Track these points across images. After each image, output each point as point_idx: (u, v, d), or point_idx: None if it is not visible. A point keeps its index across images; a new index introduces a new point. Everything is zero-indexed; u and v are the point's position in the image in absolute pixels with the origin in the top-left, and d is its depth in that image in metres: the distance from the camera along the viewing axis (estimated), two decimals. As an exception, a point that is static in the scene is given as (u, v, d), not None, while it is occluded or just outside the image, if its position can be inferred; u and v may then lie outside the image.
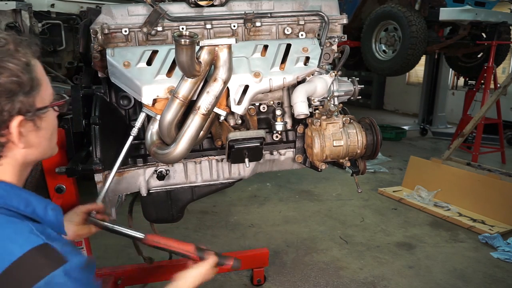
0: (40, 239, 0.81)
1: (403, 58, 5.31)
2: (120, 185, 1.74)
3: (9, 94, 0.83)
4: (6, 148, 0.88)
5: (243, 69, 1.61)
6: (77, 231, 1.37)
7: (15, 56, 0.85)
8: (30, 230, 0.82)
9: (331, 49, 1.82)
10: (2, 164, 0.90)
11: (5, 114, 0.84)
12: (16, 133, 0.86)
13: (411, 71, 7.15)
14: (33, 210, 0.89)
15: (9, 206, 0.85)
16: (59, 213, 0.94)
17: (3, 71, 0.82)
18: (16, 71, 0.84)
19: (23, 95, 0.86)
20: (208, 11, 1.74)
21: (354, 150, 1.72)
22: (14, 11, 3.69)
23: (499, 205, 3.84)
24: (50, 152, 1.00)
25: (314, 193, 4.61)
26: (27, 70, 0.87)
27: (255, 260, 2.82)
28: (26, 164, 0.95)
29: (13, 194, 0.88)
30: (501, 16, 5.57)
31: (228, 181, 1.88)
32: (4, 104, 0.83)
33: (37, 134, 0.92)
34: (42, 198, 0.94)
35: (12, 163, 0.91)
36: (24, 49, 0.88)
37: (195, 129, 1.48)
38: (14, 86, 0.84)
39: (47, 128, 0.95)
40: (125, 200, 1.90)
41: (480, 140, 5.40)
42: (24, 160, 0.92)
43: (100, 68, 1.64)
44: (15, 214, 0.85)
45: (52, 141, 0.99)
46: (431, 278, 2.97)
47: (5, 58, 0.83)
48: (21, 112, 0.86)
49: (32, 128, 0.90)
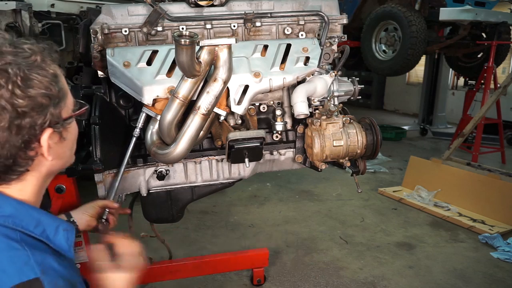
0: (32, 272, 0.78)
1: (403, 58, 5.31)
2: (120, 185, 1.73)
3: (40, 108, 0.81)
4: (35, 162, 0.86)
5: (243, 69, 1.61)
6: (89, 222, 1.40)
7: (43, 67, 0.82)
8: (26, 261, 0.79)
9: (331, 49, 1.82)
10: (26, 179, 0.87)
11: (37, 128, 0.81)
12: (46, 146, 0.84)
13: (411, 71, 7.15)
14: (43, 231, 0.86)
15: (18, 226, 0.83)
16: (71, 234, 0.91)
17: (33, 84, 0.80)
18: (46, 83, 0.82)
19: (52, 107, 0.83)
20: (208, 11, 1.74)
21: (354, 150, 1.72)
22: (14, 11, 3.69)
23: (499, 205, 3.84)
24: (70, 161, 0.98)
25: (314, 193, 4.61)
26: (56, 81, 0.85)
27: (255, 260, 2.82)
28: (48, 177, 0.93)
29: (24, 213, 0.85)
30: (501, 16, 5.57)
31: (228, 181, 1.88)
32: (36, 118, 0.81)
33: (62, 145, 0.90)
34: (55, 218, 0.92)
35: (37, 176, 0.89)
36: (48, 59, 0.85)
37: (195, 129, 1.48)
38: (45, 99, 0.81)
39: (71, 138, 0.93)
40: (125, 200, 1.90)
41: (480, 140, 5.40)
42: (48, 172, 0.91)
43: (100, 68, 1.64)
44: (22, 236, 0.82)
45: (73, 150, 0.97)
46: (431, 278, 2.97)
47: (34, 70, 0.80)
48: (50, 125, 0.84)
49: (58, 140, 0.88)
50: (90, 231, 1.48)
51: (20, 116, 0.79)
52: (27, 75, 0.79)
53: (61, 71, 0.89)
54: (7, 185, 0.86)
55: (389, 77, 9.77)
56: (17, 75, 0.77)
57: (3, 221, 0.82)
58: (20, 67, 0.79)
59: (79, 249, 1.78)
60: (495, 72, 5.61)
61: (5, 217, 0.83)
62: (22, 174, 0.86)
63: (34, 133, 0.82)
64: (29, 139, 0.82)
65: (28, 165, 0.85)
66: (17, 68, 0.78)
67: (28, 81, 0.79)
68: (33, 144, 0.83)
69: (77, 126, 0.97)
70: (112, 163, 1.61)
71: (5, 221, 0.82)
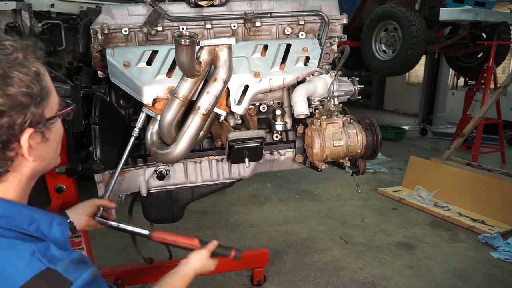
0: (41, 264, 0.77)
1: (403, 58, 5.31)
2: (120, 185, 1.74)
3: (20, 107, 0.78)
4: (15, 162, 0.84)
5: (243, 69, 1.61)
6: (88, 221, 1.40)
7: (25, 65, 0.80)
8: (32, 253, 0.78)
9: (331, 49, 1.82)
10: (8, 180, 0.85)
11: (16, 128, 0.79)
12: (26, 147, 0.82)
13: (411, 71, 7.15)
14: (37, 228, 0.85)
15: (12, 226, 0.81)
16: (65, 228, 0.90)
17: (13, 82, 0.77)
18: (27, 81, 0.79)
19: (34, 107, 0.81)
20: (208, 11, 1.74)
21: (354, 150, 1.72)
22: (14, 11, 3.70)
23: (499, 205, 3.84)
24: (54, 162, 0.96)
25: (314, 193, 4.61)
26: (38, 80, 0.82)
27: (255, 260, 2.82)
28: (32, 178, 0.91)
29: (16, 212, 0.84)
30: (501, 16, 5.57)
31: (228, 181, 1.88)
32: (15, 118, 0.78)
33: (45, 146, 0.88)
34: (47, 213, 0.90)
35: (19, 178, 0.87)
36: (32, 57, 0.83)
37: (195, 129, 1.48)
38: (26, 98, 0.79)
39: (54, 139, 0.91)
40: (125, 200, 1.90)
41: (480, 140, 5.40)
42: (31, 173, 0.89)
43: (100, 68, 1.64)
44: (18, 235, 0.81)
45: (57, 151, 0.95)
46: (431, 278, 2.97)
47: (14, 68, 0.78)
48: (31, 125, 0.81)
49: (40, 140, 0.85)
50: (92, 229, 1.48)
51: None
52: (7, 72, 0.77)
53: (45, 69, 0.86)
54: None
55: (389, 77, 9.77)
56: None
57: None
58: (0, 64, 0.77)
59: (79, 249, 1.78)
60: (495, 72, 5.61)
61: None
62: (2, 175, 0.84)
63: (13, 133, 0.79)
64: (8, 139, 0.79)
65: (8, 165, 0.83)
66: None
67: (7, 79, 0.77)
68: (12, 144, 0.80)
69: (62, 126, 0.94)
70: (112, 163, 1.61)
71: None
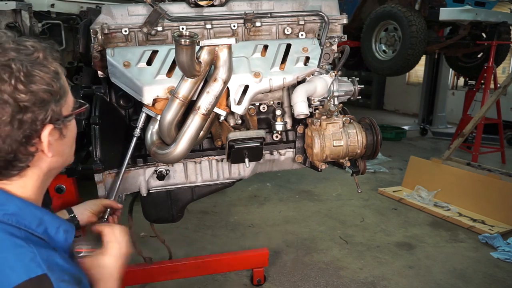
0: (39, 269, 0.79)
1: (403, 58, 5.31)
2: (121, 185, 1.73)
3: (42, 103, 0.83)
4: (35, 157, 0.87)
5: (243, 69, 1.61)
6: (90, 218, 1.39)
7: (45, 64, 0.85)
8: (32, 257, 0.80)
9: (331, 49, 1.82)
10: (27, 175, 0.89)
11: (38, 123, 0.83)
12: (46, 142, 0.86)
13: (411, 71, 7.15)
14: (45, 230, 0.88)
15: (21, 225, 0.84)
16: (70, 236, 0.93)
17: (35, 80, 0.82)
18: (47, 79, 0.84)
19: (54, 104, 0.85)
20: (208, 11, 1.74)
21: (354, 150, 1.72)
22: (14, 11, 3.69)
23: (499, 205, 3.84)
24: (70, 159, 0.99)
25: (314, 193, 4.61)
26: (57, 78, 0.87)
27: (255, 260, 2.82)
28: (49, 174, 0.94)
29: (28, 212, 0.87)
30: (501, 16, 5.57)
31: (228, 181, 1.88)
32: (38, 114, 0.82)
33: (62, 142, 0.92)
34: (57, 218, 0.93)
35: (37, 173, 0.90)
36: (50, 57, 0.87)
37: (195, 129, 1.48)
38: (47, 95, 0.83)
39: (70, 136, 0.95)
40: (125, 200, 1.90)
41: (480, 140, 5.40)
42: (48, 169, 0.92)
43: (100, 68, 1.64)
44: (26, 234, 0.84)
45: (72, 148, 0.99)
46: (431, 278, 2.97)
47: (36, 67, 0.83)
48: (51, 121, 0.86)
49: (58, 137, 0.89)
50: None
51: (22, 110, 0.80)
52: (30, 71, 0.81)
53: (62, 69, 0.91)
54: (9, 182, 0.88)
55: (389, 77, 9.77)
56: (20, 70, 0.80)
57: (7, 219, 0.84)
58: (23, 63, 0.81)
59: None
60: (495, 72, 5.61)
61: (9, 215, 0.84)
62: (23, 170, 0.87)
63: (35, 128, 0.83)
64: (30, 134, 0.83)
65: (29, 160, 0.86)
66: (20, 64, 0.80)
67: (30, 77, 0.81)
68: (34, 139, 0.84)
69: (76, 125, 0.98)
70: (112, 163, 1.61)
71: (9, 219, 0.84)
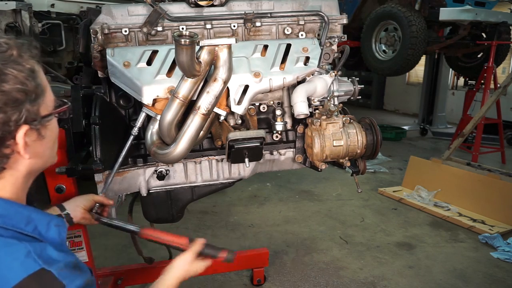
0: (36, 264, 0.77)
1: (403, 58, 5.31)
2: (120, 185, 1.74)
3: (15, 103, 0.79)
4: (11, 160, 0.84)
5: (243, 69, 1.61)
6: (83, 214, 1.40)
7: (19, 62, 0.81)
8: (27, 253, 0.78)
9: (331, 49, 1.82)
10: (5, 178, 0.86)
11: (11, 124, 0.80)
12: (22, 144, 0.83)
13: (411, 71, 7.15)
14: (34, 228, 0.85)
15: (9, 225, 0.81)
16: (63, 230, 0.90)
17: (8, 79, 0.78)
18: (21, 78, 0.80)
19: (29, 104, 0.82)
20: (208, 11, 1.74)
21: (354, 150, 1.72)
22: (14, 11, 3.70)
23: (499, 205, 3.84)
24: (51, 160, 0.96)
25: (314, 193, 4.61)
26: (32, 76, 0.83)
27: (255, 260, 2.82)
28: (29, 176, 0.91)
29: (13, 212, 0.84)
30: (501, 16, 5.57)
31: (228, 181, 1.88)
32: (10, 114, 0.79)
33: (41, 143, 0.88)
34: (46, 214, 0.90)
35: (15, 175, 0.87)
36: (26, 54, 0.84)
37: (195, 129, 1.48)
38: (21, 94, 0.80)
39: (51, 136, 0.92)
40: (125, 200, 1.90)
41: (480, 140, 5.40)
42: (27, 171, 0.89)
43: (100, 68, 1.64)
44: (15, 234, 0.81)
45: (54, 150, 0.96)
46: (431, 278, 2.97)
47: (9, 65, 0.79)
48: (27, 121, 0.82)
49: (36, 138, 0.86)
50: (88, 224, 1.48)
51: None
52: (2, 69, 0.78)
53: (40, 67, 0.87)
54: None
55: (389, 77, 9.78)
56: None
57: None
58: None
59: (79, 249, 1.78)
60: (495, 72, 5.61)
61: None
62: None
63: (9, 130, 0.80)
64: (3, 135, 0.80)
65: (3, 162, 0.83)
66: None
67: (2, 76, 0.78)
68: (7, 141, 0.81)
69: (57, 125, 0.95)
70: (112, 163, 1.61)
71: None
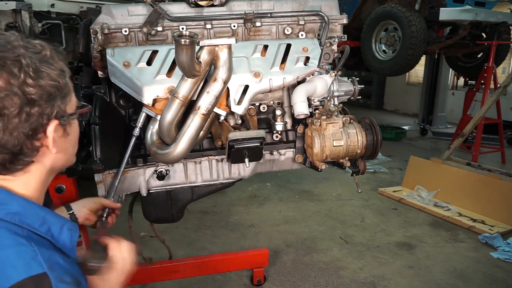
0: (40, 267, 0.80)
1: (403, 58, 5.31)
2: (120, 185, 1.73)
3: (49, 98, 0.86)
4: (40, 152, 0.89)
5: (243, 69, 1.61)
6: (87, 215, 1.41)
7: (51, 62, 0.88)
8: (34, 256, 0.81)
9: (331, 49, 1.82)
10: (31, 171, 0.90)
11: (44, 117, 0.85)
12: (51, 138, 0.88)
13: (411, 71, 7.15)
14: (48, 229, 0.89)
15: (24, 224, 0.85)
16: (74, 234, 0.94)
17: (43, 75, 0.85)
18: (54, 76, 0.87)
19: (59, 100, 0.88)
20: (208, 11, 1.74)
21: (354, 150, 1.72)
22: (14, 11, 3.70)
23: (499, 205, 3.84)
24: (72, 159, 1.01)
25: (314, 193, 4.61)
26: (63, 75, 0.91)
27: (255, 260, 2.82)
28: (52, 172, 0.96)
29: (31, 211, 0.88)
30: (501, 16, 5.57)
31: (228, 181, 1.88)
32: (44, 108, 0.85)
33: (66, 140, 0.94)
34: (61, 217, 0.94)
35: (41, 170, 0.92)
36: (56, 56, 0.91)
37: (195, 129, 1.48)
38: (54, 90, 0.87)
39: (74, 135, 0.98)
40: (125, 200, 1.90)
41: (480, 140, 5.40)
42: (52, 166, 0.94)
43: (100, 68, 1.64)
44: (29, 233, 0.85)
45: (75, 148, 1.01)
46: (431, 278, 2.97)
47: (44, 64, 0.86)
48: (57, 117, 0.88)
49: (62, 134, 0.92)
50: (89, 226, 1.48)
51: (30, 103, 0.83)
52: (38, 67, 0.85)
53: (67, 69, 0.94)
54: (13, 177, 0.89)
55: (389, 77, 9.77)
56: (29, 66, 0.83)
57: (10, 218, 0.85)
58: (32, 59, 0.85)
59: (79, 249, 1.78)
60: (495, 72, 5.61)
61: (12, 214, 0.85)
62: (27, 165, 0.89)
63: (42, 122, 0.86)
64: (37, 127, 0.85)
65: (34, 155, 0.88)
66: (29, 59, 0.84)
67: (38, 72, 0.85)
68: (39, 134, 0.86)
69: (78, 126, 1.01)
70: (112, 163, 1.61)
71: (12, 218, 0.85)
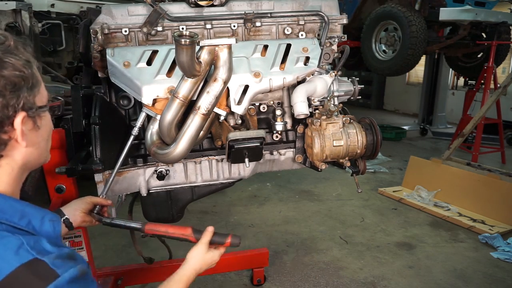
0: (29, 254, 0.78)
1: (403, 58, 5.31)
2: (120, 185, 1.74)
3: (14, 88, 0.83)
4: (8, 146, 0.86)
5: (243, 69, 1.61)
6: (83, 218, 1.40)
7: (16, 53, 0.85)
8: (20, 244, 0.79)
9: (331, 49, 1.82)
10: (1, 166, 0.87)
11: (10, 109, 0.82)
12: (19, 130, 0.85)
13: (411, 71, 7.15)
14: (28, 222, 0.86)
15: (2, 219, 0.82)
16: (57, 224, 0.91)
17: (6, 65, 0.82)
18: (19, 66, 0.84)
19: (26, 91, 0.85)
20: (208, 11, 1.75)
21: (354, 150, 1.72)
22: (14, 11, 3.70)
23: (499, 205, 3.84)
24: (45, 155, 0.98)
25: (314, 193, 4.61)
26: (29, 65, 0.87)
27: (255, 260, 2.82)
28: (24, 168, 0.93)
29: (7, 206, 0.85)
30: (501, 16, 5.57)
31: (228, 181, 1.88)
32: (9, 99, 0.82)
33: (37, 134, 0.91)
34: (40, 209, 0.91)
35: (12, 165, 0.89)
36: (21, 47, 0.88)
37: (195, 129, 1.48)
38: (19, 80, 0.84)
39: (45, 129, 0.94)
40: (125, 200, 1.90)
41: (480, 140, 5.40)
42: (23, 161, 0.91)
43: (100, 68, 1.65)
44: (8, 228, 0.82)
45: (48, 143, 0.98)
46: (431, 278, 2.97)
47: (7, 54, 0.84)
48: (24, 108, 0.85)
49: (32, 127, 0.89)
50: (90, 226, 1.48)
51: None
52: (1, 57, 0.82)
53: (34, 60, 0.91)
54: None
55: (389, 77, 9.77)
56: None
57: None
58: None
59: (79, 249, 1.78)
60: (495, 72, 5.61)
61: None
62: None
63: (7, 114, 0.83)
64: (2, 119, 0.83)
65: (1, 149, 0.86)
66: None
67: (1, 63, 0.82)
68: (6, 126, 0.84)
69: (51, 120, 0.98)
70: (112, 163, 1.61)
71: None
